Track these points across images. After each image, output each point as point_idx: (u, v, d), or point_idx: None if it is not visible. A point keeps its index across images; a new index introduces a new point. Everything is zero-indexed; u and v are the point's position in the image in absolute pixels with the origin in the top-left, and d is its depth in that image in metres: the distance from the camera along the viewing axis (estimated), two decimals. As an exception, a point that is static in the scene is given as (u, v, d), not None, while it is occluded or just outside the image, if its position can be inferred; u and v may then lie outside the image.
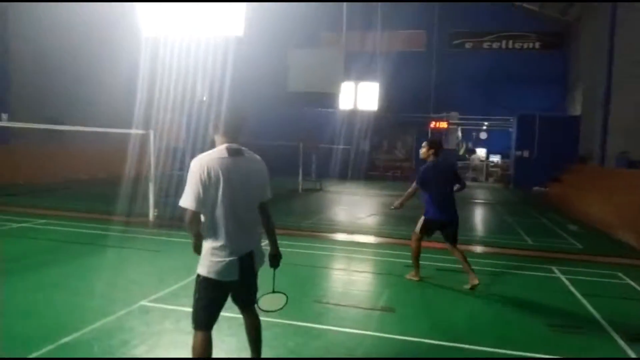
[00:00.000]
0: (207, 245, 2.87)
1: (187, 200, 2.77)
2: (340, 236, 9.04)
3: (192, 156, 2.99)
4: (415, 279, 5.88)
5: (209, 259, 2.85)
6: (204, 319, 2.91)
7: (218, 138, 3.00)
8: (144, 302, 4.81)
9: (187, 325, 3.40)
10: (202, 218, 2.86)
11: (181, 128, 9.33)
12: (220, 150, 2.91)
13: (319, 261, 7.16)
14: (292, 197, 15.67)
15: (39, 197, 11.82)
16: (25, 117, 16.17)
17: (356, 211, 13.05)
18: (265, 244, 3.10)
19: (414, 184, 5.84)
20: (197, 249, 2.92)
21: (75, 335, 3.92)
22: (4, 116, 16.21)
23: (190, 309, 2.98)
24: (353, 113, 22.58)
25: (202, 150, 2.97)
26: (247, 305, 3.14)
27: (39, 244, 7.53)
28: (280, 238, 3.23)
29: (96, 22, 19.21)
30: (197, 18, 9.48)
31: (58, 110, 17.86)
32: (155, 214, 8.85)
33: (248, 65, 24.05)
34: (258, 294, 3.08)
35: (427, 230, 5.83)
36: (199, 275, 2.89)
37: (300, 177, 16.88)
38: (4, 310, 4.50)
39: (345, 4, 18.66)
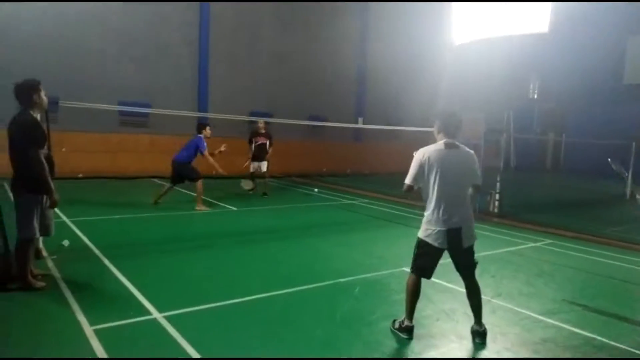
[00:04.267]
0: (426, 216, 3.84)
1: (407, 178, 3.82)
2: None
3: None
4: None
5: (425, 227, 3.82)
6: (417, 268, 3.88)
7: (439, 136, 3.90)
8: (405, 268, 5.95)
9: (430, 293, 4.39)
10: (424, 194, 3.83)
11: (480, 125, 9.92)
12: (439, 144, 3.83)
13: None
14: (614, 203, 13.91)
15: (372, 183, 14.63)
16: (374, 120, 19.99)
17: None
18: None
19: None
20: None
21: (349, 278, 5.39)
22: (360, 120, 20.38)
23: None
24: None
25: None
26: (466, 276, 3.92)
27: (355, 216, 9.78)
28: (593, 246, 3.64)
29: (416, 36, 21.52)
30: (502, 20, 9.93)
31: (394, 113, 21.01)
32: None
33: (566, 60, 22.04)
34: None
35: None
36: (418, 237, 3.87)
37: (629, 181, 14.65)
38: (316, 255, 6.53)
39: None
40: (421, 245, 3.83)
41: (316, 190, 12.87)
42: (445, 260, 3.91)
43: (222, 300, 4.49)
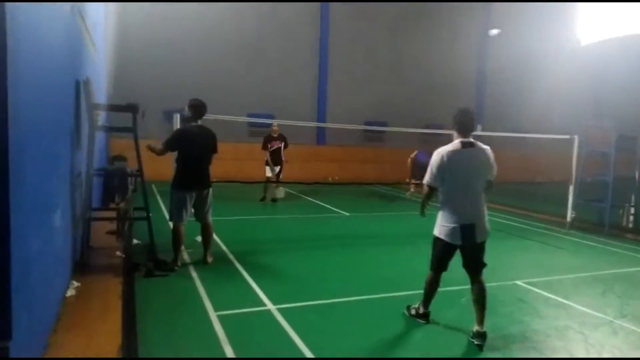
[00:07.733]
0: (440, 214, 3.95)
1: (428, 179, 3.96)
2: None
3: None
4: None
5: (440, 224, 3.94)
6: (435, 264, 4.09)
7: (455, 135, 3.97)
8: (518, 282, 5.75)
9: (542, 308, 4.27)
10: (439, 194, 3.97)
11: (610, 133, 9.08)
12: (455, 144, 3.91)
13: None
14: None
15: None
16: (493, 127, 19.05)
17: None
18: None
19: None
20: (422, 210, 4.18)
21: (458, 287, 5.22)
22: (479, 127, 19.57)
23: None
24: None
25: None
26: (473, 273, 4.00)
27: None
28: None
29: (536, 35, 20.08)
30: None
31: (513, 119, 19.77)
32: (573, 215, 9.18)
33: None
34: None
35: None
36: (434, 235, 4.02)
37: None
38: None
39: None
40: (437, 242, 3.97)
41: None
42: (565, 276, 3.80)
43: (328, 298, 4.81)
